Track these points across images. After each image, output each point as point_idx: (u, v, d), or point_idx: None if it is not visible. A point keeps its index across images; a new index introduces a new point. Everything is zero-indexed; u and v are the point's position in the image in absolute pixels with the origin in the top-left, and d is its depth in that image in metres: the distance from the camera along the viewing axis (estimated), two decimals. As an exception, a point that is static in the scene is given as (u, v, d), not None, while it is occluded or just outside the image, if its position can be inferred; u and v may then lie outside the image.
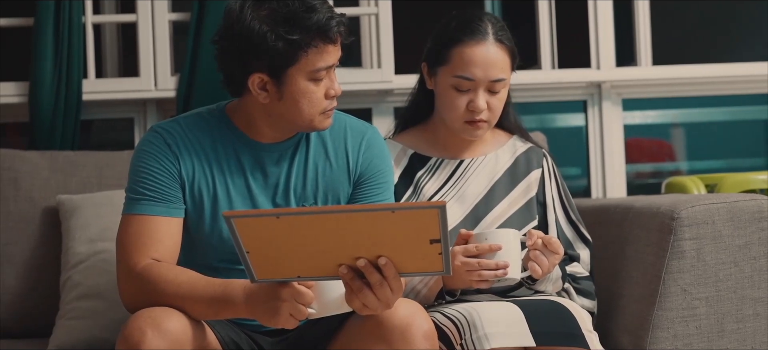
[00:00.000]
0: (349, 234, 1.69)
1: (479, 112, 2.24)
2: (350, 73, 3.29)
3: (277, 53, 1.95)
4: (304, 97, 2.01)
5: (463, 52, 2.24)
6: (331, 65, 2.01)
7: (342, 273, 1.76)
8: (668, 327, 2.18)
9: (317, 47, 1.97)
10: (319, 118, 2.04)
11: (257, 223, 1.67)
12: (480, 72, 2.23)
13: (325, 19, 1.96)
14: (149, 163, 2.04)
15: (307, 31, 1.95)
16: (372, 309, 1.79)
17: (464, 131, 2.29)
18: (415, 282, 2.21)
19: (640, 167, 4.68)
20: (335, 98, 2.05)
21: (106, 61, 3.67)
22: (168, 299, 1.89)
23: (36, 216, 2.79)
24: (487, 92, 2.25)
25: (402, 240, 1.69)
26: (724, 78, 3.55)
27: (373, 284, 1.76)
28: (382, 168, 2.17)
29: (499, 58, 2.24)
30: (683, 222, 2.17)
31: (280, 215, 1.66)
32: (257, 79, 2.00)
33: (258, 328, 2.13)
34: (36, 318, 2.73)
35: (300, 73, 1.98)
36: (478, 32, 2.24)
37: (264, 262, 1.74)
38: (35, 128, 3.07)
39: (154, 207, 2.02)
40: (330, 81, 2.03)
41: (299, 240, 1.69)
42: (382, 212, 1.66)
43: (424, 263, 1.74)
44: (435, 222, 1.64)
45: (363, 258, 1.73)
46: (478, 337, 1.99)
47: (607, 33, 3.47)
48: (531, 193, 2.35)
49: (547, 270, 2.11)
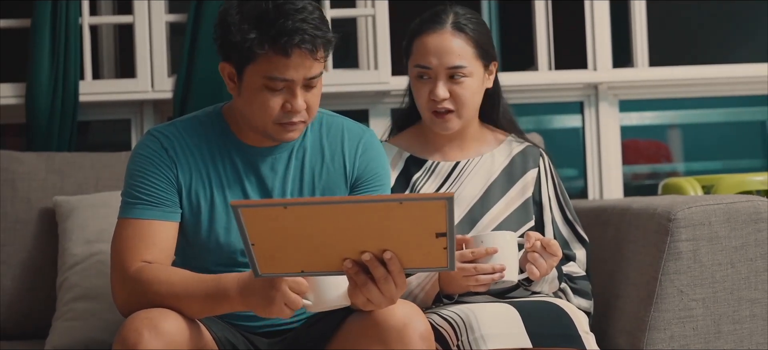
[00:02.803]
0: (355, 226, 1.68)
1: (440, 101, 2.26)
2: (347, 74, 3.29)
3: (235, 47, 1.95)
4: (256, 101, 1.98)
5: (421, 41, 2.28)
6: (290, 80, 1.94)
7: (346, 268, 1.75)
8: (665, 328, 2.18)
9: (268, 56, 1.93)
10: (273, 128, 2.00)
11: (264, 214, 1.67)
12: (435, 59, 2.25)
13: (290, 30, 1.90)
14: (146, 167, 2.04)
15: (264, 34, 1.91)
16: (376, 305, 1.79)
17: (433, 123, 2.31)
18: (412, 287, 2.21)
19: (637, 168, 4.69)
20: (298, 114, 1.98)
21: (103, 63, 3.67)
22: (163, 300, 1.89)
23: (33, 217, 2.79)
24: (449, 80, 2.26)
25: (408, 234, 1.69)
26: (720, 79, 3.55)
27: (377, 279, 1.75)
28: (378, 171, 2.16)
29: (456, 46, 2.25)
30: (680, 223, 2.17)
31: (288, 205, 1.66)
32: (226, 67, 2.00)
33: (255, 329, 2.13)
34: (32, 320, 2.73)
35: (256, 75, 1.96)
36: (436, 22, 2.27)
37: (268, 255, 1.73)
38: (32, 129, 3.07)
39: (149, 212, 2.01)
40: (290, 95, 1.97)
41: (305, 233, 1.69)
42: (389, 203, 1.65)
43: (429, 258, 1.73)
44: (442, 215, 1.64)
45: (368, 252, 1.73)
46: (475, 338, 1.99)
47: (604, 34, 3.47)
48: (527, 193, 2.35)
49: (545, 273, 2.11)
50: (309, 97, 1.99)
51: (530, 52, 3.54)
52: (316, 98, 2.02)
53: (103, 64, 3.67)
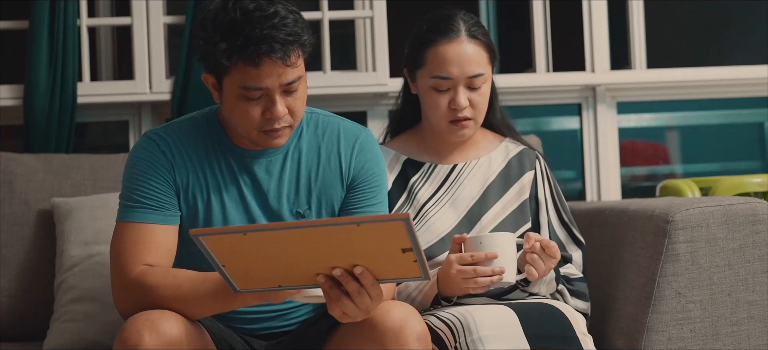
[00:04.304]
0: (320, 246, 1.68)
1: (461, 110, 2.25)
2: (345, 76, 3.29)
3: (208, 59, 1.94)
4: (236, 110, 1.96)
5: (437, 51, 2.25)
6: (264, 88, 1.92)
7: (320, 282, 1.75)
8: (663, 330, 2.18)
9: (238, 67, 1.90)
10: (258, 135, 1.99)
11: (226, 240, 1.66)
12: (456, 69, 2.24)
13: (257, 39, 1.87)
14: (144, 170, 2.03)
15: (232, 45, 1.88)
16: (352, 317, 1.79)
17: (450, 132, 2.30)
18: (410, 289, 2.21)
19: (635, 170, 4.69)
20: (280, 120, 1.96)
21: (101, 64, 3.67)
22: (168, 303, 1.88)
23: (30, 218, 2.78)
24: (468, 89, 2.26)
25: (374, 250, 1.69)
26: (718, 81, 3.55)
27: (351, 292, 1.75)
28: (375, 171, 2.15)
29: (474, 54, 2.25)
30: (678, 225, 2.17)
31: (247, 232, 1.65)
32: (209, 78, 1.99)
33: (253, 332, 2.13)
34: (30, 321, 2.73)
35: (233, 85, 1.94)
36: (451, 31, 2.25)
37: (241, 275, 1.74)
38: (30, 131, 3.06)
39: (149, 215, 2.01)
40: (269, 102, 1.94)
41: (272, 254, 1.69)
42: (348, 226, 1.64)
43: (402, 269, 1.73)
44: (402, 234, 1.63)
45: (339, 267, 1.73)
46: (473, 340, 1.99)
47: (602, 36, 3.48)
48: (524, 195, 2.35)
49: (543, 274, 2.11)
50: (291, 102, 1.97)
51: (528, 54, 3.54)
52: (299, 101, 1.99)
53: (101, 66, 3.67)
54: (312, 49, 1.98)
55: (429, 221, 2.30)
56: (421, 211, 2.31)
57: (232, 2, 1.91)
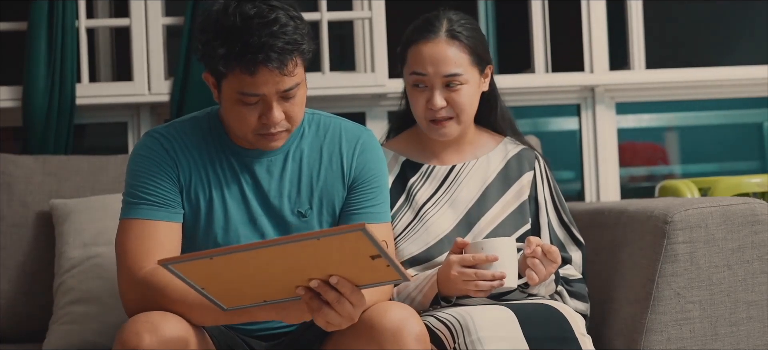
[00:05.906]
0: (290, 262, 1.68)
1: (437, 109, 2.26)
2: (343, 76, 3.29)
3: (208, 62, 1.94)
4: (233, 113, 1.97)
5: (415, 50, 2.27)
6: (261, 94, 1.92)
7: (300, 295, 1.75)
8: (662, 330, 2.18)
9: (235, 73, 1.91)
10: (254, 138, 1.99)
11: (196, 266, 1.66)
12: (431, 68, 2.25)
13: (255, 47, 1.86)
14: (148, 167, 2.03)
15: (229, 51, 1.88)
16: (336, 325, 1.79)
17: (431, 131, 2.30)
18: (410, 289, 2.21)
19: (634, 171, 4.69)
20: (276, 125, 1.96)
21: (100, 65, 3.67)
22: (173, 306, 1.88)
23: (29, 220, 2.78)
24: (446, 88, 2.26)
25: (344, 260, 1.69)
26: (717, 81, 3.55)
27: (331, 302, 1.75)
28: (376, 172, 2.15)
29: (451, 54, 2.25)
30: (677, 225, 2.17)
31: (213, 256, 1.64)
32: (209, 78, 2.00)
33: (252, 332, 2.13)
34: (29, 323, 2.73)
35: (230, 89, 1.94)
36: (429, 30, 2.27)
37: (224, 294, 1.74)
38: (29, 132, 3.06)
39: (155, 212, 2.01)
40: (266, 108, 1.94)
41: (246, 273, 1.69)
42: (308, 241, 1.64)
43: (378, 275, 1.73)
44: (364, 242, 1.63)
45: (315, 279, 1.73)
46: (472, 341, 1.99)
47: (601, 36, 3.47)
48: (523, 196, 2.35)
49: (544, 278, 2.11)
50: (288, 107, 1.96)
51: (527, 55, 3.54)
52: (297, 107, 1.98)
53: (99, 67, 3.67)
54: (312, 55, 1.98)
55: (428, 222, 2.30)
56: (419, 212, 2.31)
57: (234, 6, 1.91)
